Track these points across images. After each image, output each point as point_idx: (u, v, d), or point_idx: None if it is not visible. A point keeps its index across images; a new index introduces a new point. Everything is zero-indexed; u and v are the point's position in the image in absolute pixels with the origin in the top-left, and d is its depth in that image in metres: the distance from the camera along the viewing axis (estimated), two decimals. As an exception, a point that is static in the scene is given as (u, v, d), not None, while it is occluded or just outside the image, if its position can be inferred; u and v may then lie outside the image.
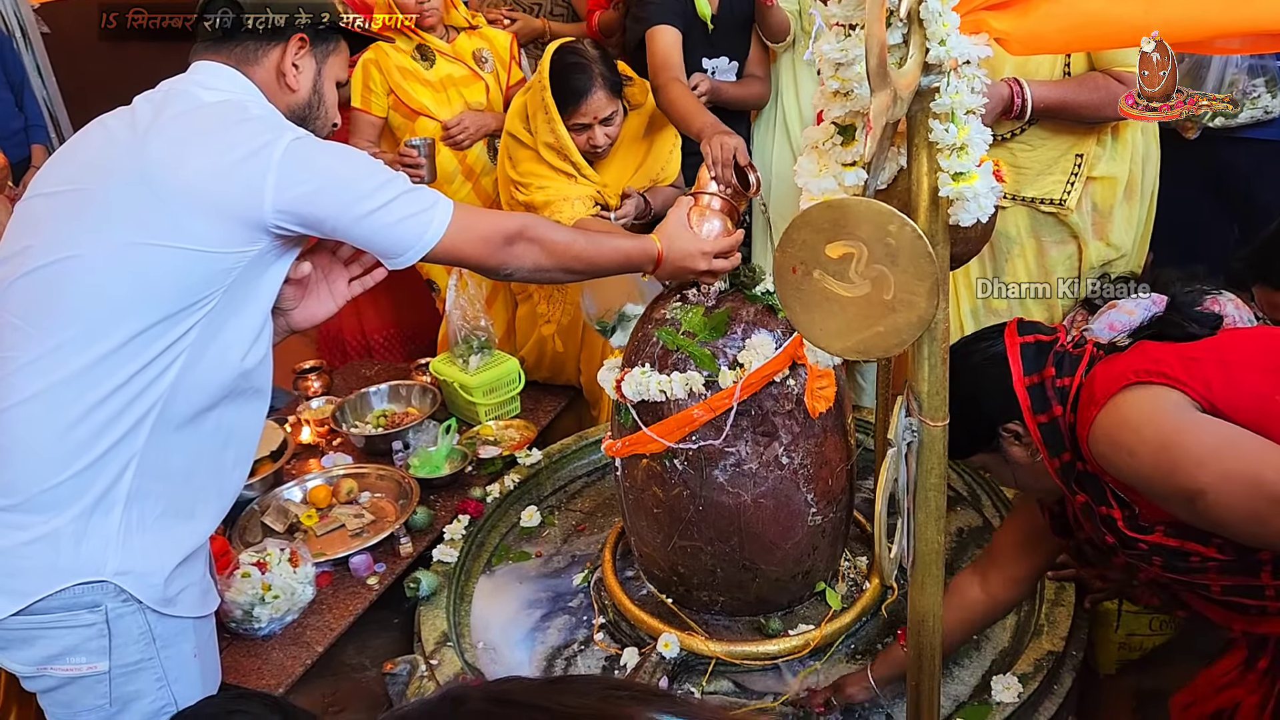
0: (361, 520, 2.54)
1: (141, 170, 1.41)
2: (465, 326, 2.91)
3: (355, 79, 2.94)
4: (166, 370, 1.41)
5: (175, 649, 1.50)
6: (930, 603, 1.26)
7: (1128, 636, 2.23)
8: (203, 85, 1.52)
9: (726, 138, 2.07)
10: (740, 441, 1.93)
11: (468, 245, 1.55)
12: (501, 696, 1.01)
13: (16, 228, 1.50)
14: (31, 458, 1.39)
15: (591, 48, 2.59)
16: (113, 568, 1.41)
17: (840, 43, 0.97)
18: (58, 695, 1.47)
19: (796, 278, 1.04)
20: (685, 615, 2.13)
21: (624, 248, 1.81)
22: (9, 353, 1.41)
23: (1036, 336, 1.55)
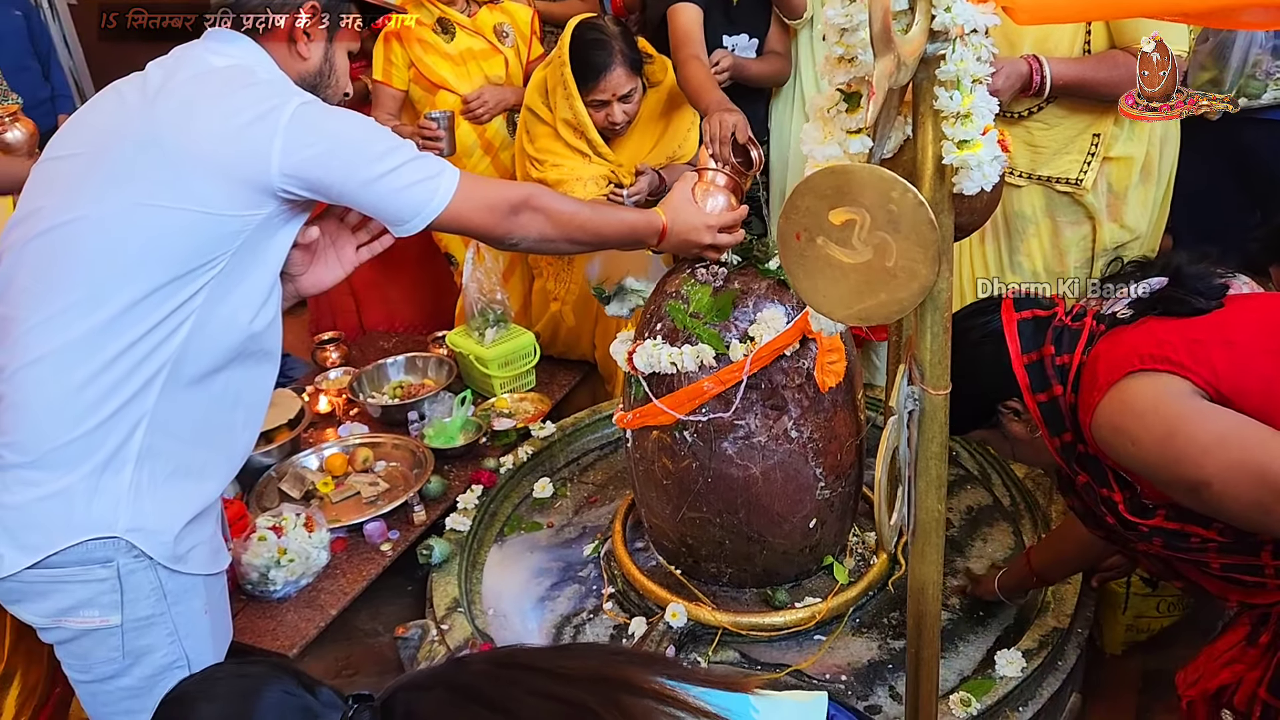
0: (376, 488, 2.58)
1: (151, 133, 1.43)
2: (482, 300, 2.94)
3: (377, 52, 2.96)
4: (176, 331, 1.43)
5: (186, 605, 1.52)
6: (930, 571, 1.27)
7: (1135, 619, 2.24)
8: (213, 51, 1.53)
9: (727, 115, 2.08)
10: (750, 414, 1.94)
11: (473, 213, 1.56)
12: (505, 659, 1.04)
13: (31, 190, 1.52)
14: (44, 416, 1.41)
15: (612, 24, 2.60)
16: (124, 524, 1.44)
17: (845, 8, 0.98)
18: (72, 647, 1.50)
19: (800, 244, 1.05)
20: (693, 586, 2.15)
21: (629, 220, 1.83)
22: (22, 313, 1.43)
23: (1034, 311, 1.53)
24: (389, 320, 3.64)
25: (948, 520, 2.39)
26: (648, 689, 0.99)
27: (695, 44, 2.58)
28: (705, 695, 1.02)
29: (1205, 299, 1.42)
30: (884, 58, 0.88)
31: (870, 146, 1.07)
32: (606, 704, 0.94)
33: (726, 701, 1.02)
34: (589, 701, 0.94)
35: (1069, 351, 1.48)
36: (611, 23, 2.61)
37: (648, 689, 0.99)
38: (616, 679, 0.99)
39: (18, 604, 1.48)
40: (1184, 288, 1.47)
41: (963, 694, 1.82)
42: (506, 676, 0.99)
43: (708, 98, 2.33)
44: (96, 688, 1.54)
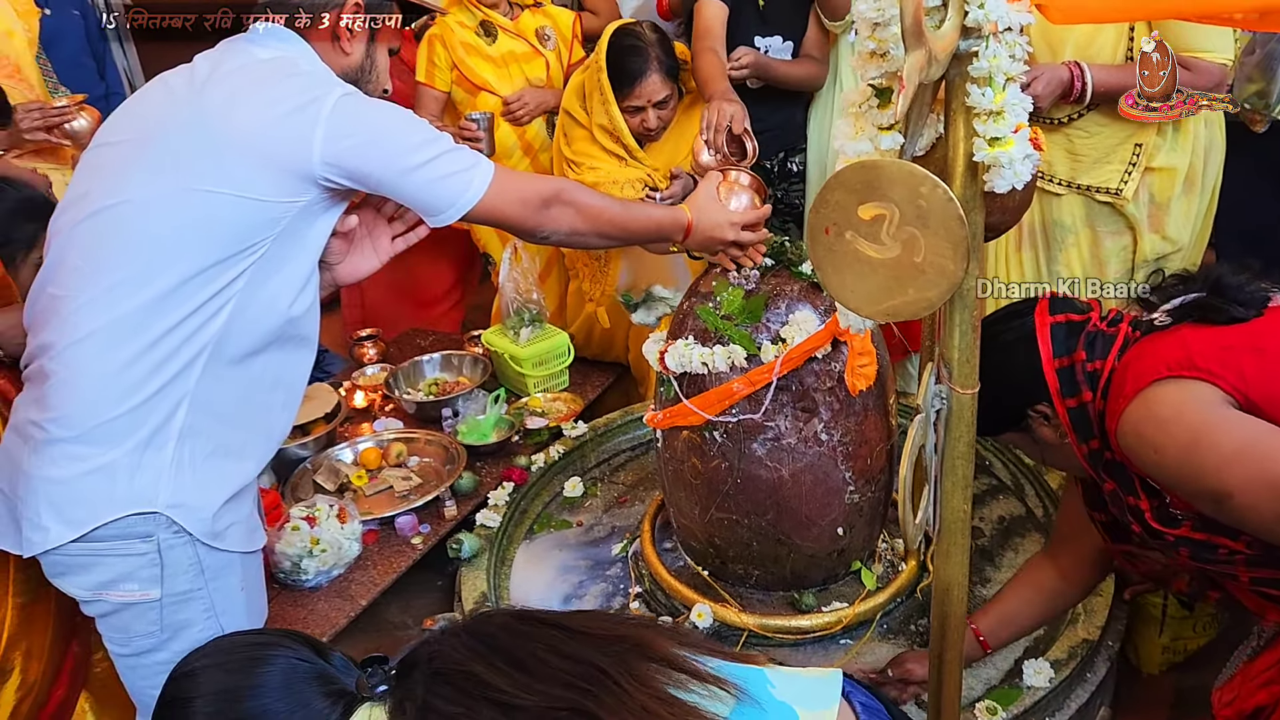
0: (409, 483, 2.60)
1: (197, 120, 1.47)
2: (518, 299, 2.96)
3: (420, 53, 3.00)
4: (218, 313, 1.47)
5: (223, 581, 1.56)
6: (955, 571, 1.26)
7: (1173, 639, 2.21)
8: (259, 44, 1.57)
9: (726, 104, 2.09)
10: (780, 416, 1.94)
11: (507, 206, 1.59)
12: (527, 615, 1.09)
13: (80, 175, 1.58)
14: (90, 392, 1.45)
15: (650, 31, 2.62)
16: (164, 500, 1.47)
17: (877, 2, 0.98)
18: (113, 620, 1.54)
19: (829, 239, 1.05)
20: (720, 587, 2.15)
21: (656, 216, 1.86)
22: (70, 292, 1.48)
23: (1068, 315, 1.52)
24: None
25: (979, 530, 2.39)
26: (662, 653, 1.02)
27: (714, 38, 2.60)
28: (722, 667, 1.03)
29: (1244, 308, 1.40)
30: (915, 52, 0.89)
31: (902, 143, 1.07)
32: (618, 665, 0.99)
33: (742, 674, 1.04)
34: (601, 662, 0.99)
35: (1101, 358, 1.46)
36: (649, 29, 2.62)
37: (662, 653, 1.02)
38: (633, 640, 1.04)
39: (62, 577, 1.52)
40: (1223, 296, 1.45)
41: (989, 703, 1.81)
42: (526, 631, 1.04)
43: (713, 87, 2.36)
44: (135, 661, 1.57)
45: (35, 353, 1.52)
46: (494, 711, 0.97)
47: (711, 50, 2.55)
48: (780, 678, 1.07)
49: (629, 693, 0.96)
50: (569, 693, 0.97)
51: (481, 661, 1.00)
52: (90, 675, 1.91)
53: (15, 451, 1.51)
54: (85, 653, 1.88)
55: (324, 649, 1.14)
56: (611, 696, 0.96)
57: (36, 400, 1.50)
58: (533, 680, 0.99)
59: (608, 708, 0.95)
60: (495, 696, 0.98)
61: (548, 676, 0.99)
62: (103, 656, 1.84)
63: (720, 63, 2.54)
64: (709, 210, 1.87)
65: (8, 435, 1.56)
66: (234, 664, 1.12)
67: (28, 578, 1.71)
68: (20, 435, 1.51)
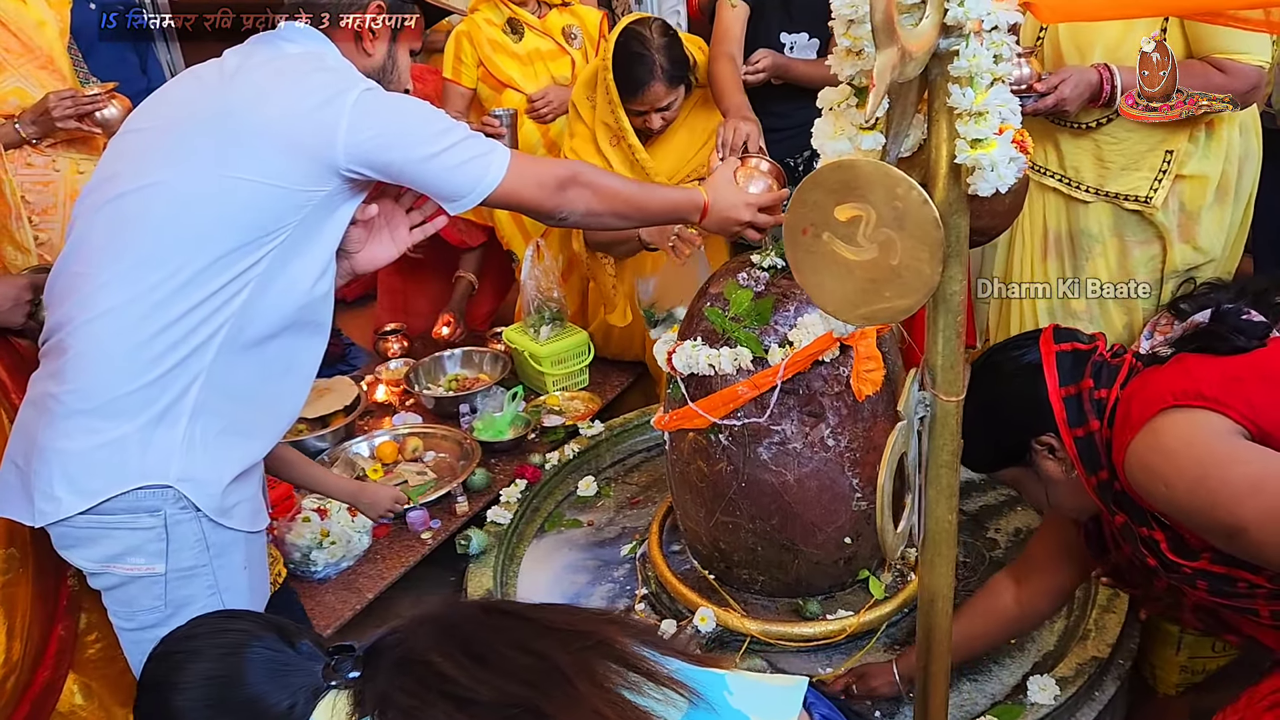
0: (424, 478, 2.62)
1: (226, 109, 1.52)
2: (538, 297, 2.96)
3: (447, 50, 3.02)
4: (236, 296, 1.50)
5: (227, 559, 1.58)
6: (940, 582, 1.23)
7: (1190, 659, 2.14)
8: (287, 40, 1.62)
9: (742, 123, 2.09)
10: (786, 420, 1.92)
11: (524, 189, 1.62)
12: (495, 607, 1.12)
13: (108, 158, 1.63)
14: (106, 367, 1.48)
15: (658, 33, 2.58)
16: (175, 474, 1.50)
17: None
18: (119, 594, 1.57)
19: (807, 239, 1.03)
20: (725, 592, 2.14)
21: (672, 197, 1.87)
22: (92, 270, 1.52)
23: (1074, 344, 1.48)
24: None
25: (994, 541, 2.34)
26: (621, 653, 1.03)
27: (732, 41, 2.58)
28: (681, 670, 1.02)
29: (1246, 337, 1.35)
30: (886, 50, 0.86)
31: (884, 143, 1.04)
32: (575, 664, 1.00)
33: (702, 677, 1.03)
34: (559, 660, 1.00)
35: (1107, 386, 1.42)
36: (658, 31, 2.58)
37: (621, 653, 1.03)
38: (594, 638, 1.05)
39: (71, 549, 1.55)
40: (1225, 324, 1.40)
41: (990, 718, 1.77)
42: (491, 623, 1.06)
43: (728, 101, 2.36)
44: (138, 635, 1.59)
45: (54, 328, 1.56)
46: (448, 705, 0.98)
47: (729, 57, 2.53)
48: (740, 684, 1.06)
49: (582, 694, 0.97)
50: (523, 690, 0.98)
51: (441, 653, 1.02)
52: (81, 657, 1.93)
53: (31, 424, 1.55)
54: (71, 637, 1.90)
55: (291, 634, 1.16)
56: (564, 696, 0.97)
57: (53, 374, 1.53)
58: (490, 675, 1.00)
59: (559, 707, 0.96)
60: (450, 690, 0.99)
61: (505, 672, 1.00)
62: (96, 639, 1.86)
63: (736, 72, 2.51)
64: (726, 191, 1.88)
65: (24, 408, 1.59)
66: (211, 652, 1.14)
67: (9, 556, 1.75)
68: (36, 408, 1.55)
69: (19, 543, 1.75)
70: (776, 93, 2.65)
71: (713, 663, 1.08)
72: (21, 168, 2.60)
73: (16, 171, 2.59)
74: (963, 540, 2.33)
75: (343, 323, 3.90)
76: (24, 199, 2.61)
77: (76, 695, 1.95)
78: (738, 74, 2.51)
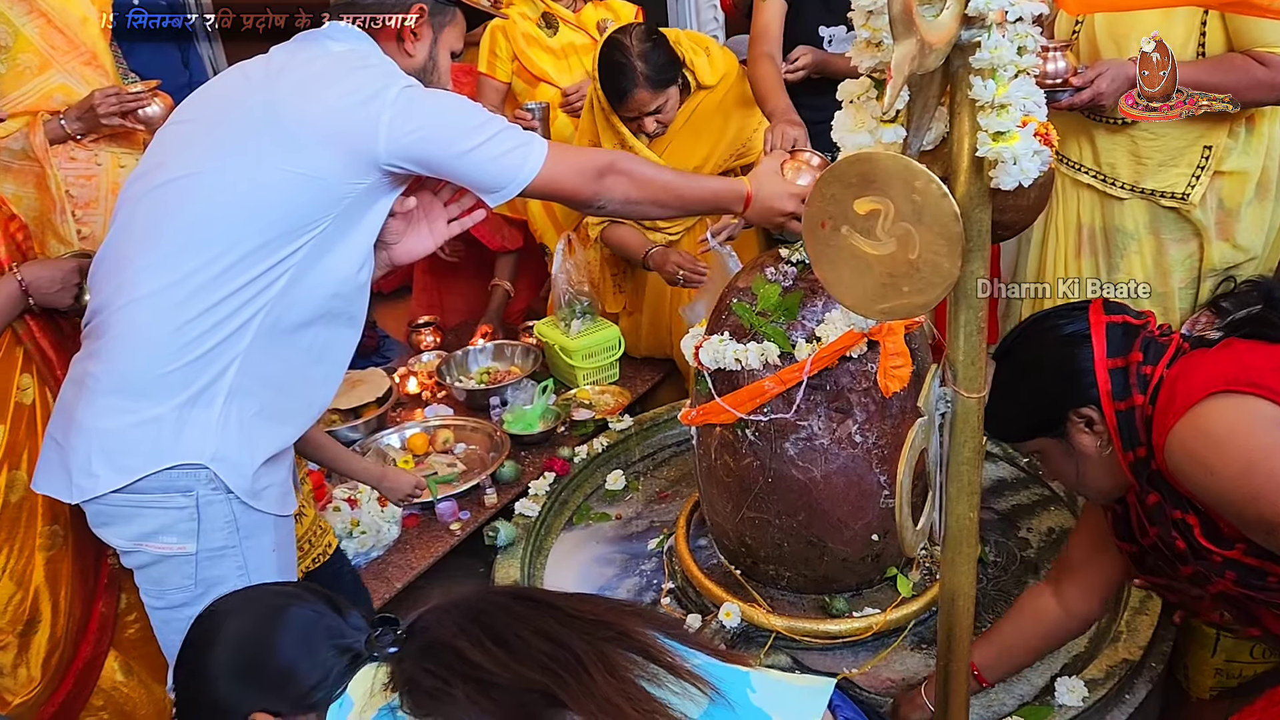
0: (454, 469, 2.64)
1: (271, 103, 1.55)
2: (570, 291, 2.97)
3: (482, 44, 3.04)
4: (274, 284, 1.54)
5: (256, 541, 1.61)
6: (962, 580, 1.22)
7: (1226, 662, 2.10)
8: (332, 38, 1.66)
9: (789, 127, 2.09)
10: (813, 416, 1.91)
11: (563, 177, 1.63)
12: (523, 594, 1.13)
13: (154, 148, 1.68)
14: (145, 349, 1.52)
15: (637, 39, 2.60)
16: (209, 454, 1.53)
17: (871, -9, 0.95)
18: (150, 572, 1.61)
19: (825, 233, 1.03)
20: (751, 587, 2.13)
21: (713, 186, 1.88)
22: (134, 254, 1.56)
23: (1124, 317, 1.44)
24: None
25: (1025, 541, 2.32)
26: (641, 642, 1.04)
27: (770, 41, 2.58)
28: (705, 665, 1.02)
29: None
30: (904, 41, 0.86)
31: (905, 136, 1.04)
32: (594, 653, 1.01)
33: (724, 674, 1.03)
34: (578, 648, 1.01)
35: (1153, 363, 1.38)
36: (637, 38, 2.60)
37: (641, 642, 1.04)
38: (616, 628, 1.06)
39: (105, 526, 1.59)
40: (1278, 311, 1.37)
41: (1017, 719, 1.75)
42: (518, 610, 1.08)
43: (772, 103, 2.37)
44: (168, 614, 1.63)
45: (95, 310, 1.61)
46: (469, 688, 1.00)
47: (768, 57, 2.53)
48: (764, 683, 1.06)
49: (597, 682, 0.98)
50: (542, 675, 0.99)
51: (468, 638, 1.04)
52: (121, 636, 1.98)
53: (71, 402, 1.59)
54: (111, 613, 1.96)
55: (342, 606, 1.19)
56: (580, 684, 0.98)
57: (93, 354, 1.58)
58: (511, 659, 1.01)
59: (573, 695, 0.97)
60: (473, 673, 1.01)
61: (526, 657, 1.01)
62: (135, 618, 1.91)
63: (777, 73, 2.51)
64: (770, 181, 1.86)
65: (66, 387, 1.64)
66: (254, 611, 1.20)
67: (52, 532, 1.82)
68: (76, 386, 1.59)
69: (61, 520, 1.79)
70: (815, 86, 2.63)
71: (738, 659, 1.08)
72: (65, 162, 2.65)
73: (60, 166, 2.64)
74: (994, 540, 2.30)
75: (378, 314, 3.94)
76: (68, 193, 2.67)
77: (117, 672, 2.01)
78: (779, 74, 2.51)
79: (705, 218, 2.63)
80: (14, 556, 1.82)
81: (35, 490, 1.63)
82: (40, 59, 2.55)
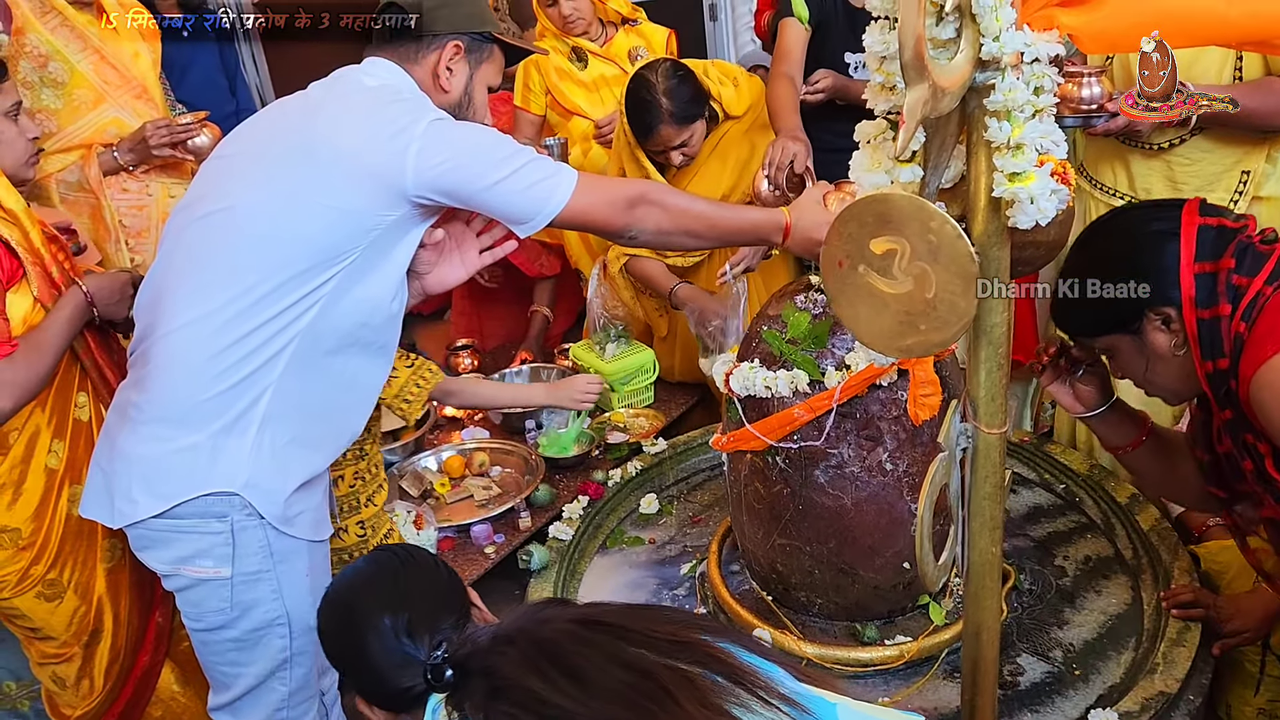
0: (489, 492, 2.67)
1: (306, 138, 1.60)
2: (604, 315, 3.00)
3: (517, 78, 3.11)
4: (306, 313, 1.58)
5: (290, 565, 1.66)
6: (986, 615, 1.22)
7: (1269, 702, 2.05)
8: (367, 74, 1.72)
9: (790, 143, 2.10)
10: (843, 444, 1.91)
11: (593, 208, 1.65)
12: (589, 618, 1.03)
13: (197, 181, 1.75)
14: (182, 378, 1.58)
15: (663, 76, 2.64)
16: (242, 481, 1.58)
17: (883, 35, 0.97)
18: (189, 595, 1.66)
19: (843, 272, 1.04)
20: (782, 613, 2.13)
21: (751, 216, 1.86)
22: (174, 284, 1.62)
23: (1220, 220, 1.36)
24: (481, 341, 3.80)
25: (1061, 569, 2.29)
26: (726, 665, 0.96)
27: (792, 63, 2.61)
28: (798, 689, 0.97)
29: None
30: (916, 87, 0.87)
31: (923, 176, 1.05)
32: (679, 680, 0.93)
33: (813, 702, 0.96)
34: (662, 676, 0.93)
35: (1249, 275, 1.31)
36: (663, 75, 2.64)
37: (726, 665, 0.96)
38: (699, 650, 0.97)
39: (146, 550, 1.65)
40: None
41: (1049, 751, 1.73)
42: (584, 637, 0.99)
43: (781, 121, 2.39)
44: (207, 636, 1.69)
45: (139, 337, 1.67)
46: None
47: (787, 78, 2.56)
48: (849, 713, 0.98)
49: (688, 713, 0.90)
50: (626, 711, 0.92)
51: (538, 675, 0.96)
52: (177, 649, 2.04)
53: (114, 429, 1.66)
54: (168, 624, 2.02)
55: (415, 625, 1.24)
56: (668, 716, 0.90)
57: (136, 383, 1.64)
58: (588, 696, 0.93)
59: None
60: (549, 713, 0.93)
61: (604, 690, 0.94)
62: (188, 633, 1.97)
63: (793, 94, 2.53)
64: (811, 212, 1.83)
65: (110, 414, 1.70)
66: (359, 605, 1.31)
67: (112, 545, 1.89)
68: (119, 414, 1.65)
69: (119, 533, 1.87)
70: (840, 113, 2.65)
71: (821, 683, 1.01)
72: (118, 193, 2.75)
73: (113, 196, 2.74)
74: (1030, 567, 2.28)
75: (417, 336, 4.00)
76: (121, 223, 2.76)
77: (174, 682, 2.08)
78: (794, 96, 2.53)
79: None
80: (78, 569, 1.89)
81: (82, 515, 1.68)
82: (95, 94, 2.65)
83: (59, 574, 1.86)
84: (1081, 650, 2.01)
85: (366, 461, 2.11)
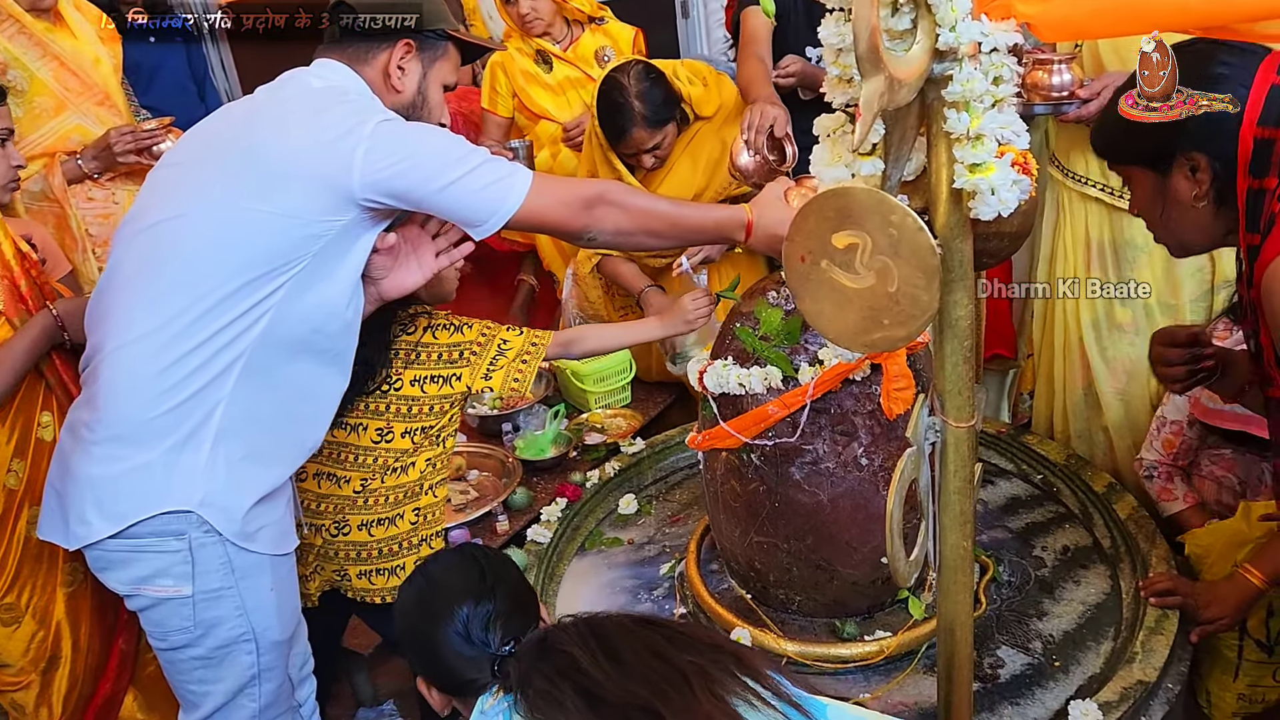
0: (466, 496, 2.65)
1: (249, 144, 1.57)
2: (579, 316, 2.98)
3: (484, 80, 3.08)
4: (255, 323, 1.55)
5: (253, 581, 1.62)
6: (959, 610, 1.21)
7: (1249, 687, 2.07)
8: (315, 75, 1.68)
9: (769, 107, 2.06)
10: (818, 440, 1.90)
11: (549, 210, 1.62)
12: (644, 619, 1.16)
13: (144, 191, 1.70)
14: (132, 394, 1.54)
15: (635, 79, 2.62)
16: (197, 499, 1.55)
17: (839, 28, 0.96)
18: (152, 614, 1.63)
19: (805, 267, 1.03)
20: (762, 612, 2.12)
21: (713, 214, 1.84)
22: (122, 298, 1.58)
23: None
24: None
25: (1040, 560, 2.29)
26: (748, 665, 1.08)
27: (760, 44, 2.62)
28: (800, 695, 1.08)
29: None
30: (872, 78, 0.86)
31: (884, 169, 1.04)
32: (700, 673, 1.05)
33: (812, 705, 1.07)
34: (685, 666, 1.05)
35: None
36: (635, 78, 2.62)
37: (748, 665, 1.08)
38: (728, 650, 1.11)
39: (104, 571, 1.62)
40: None
41: (1029, 744, 1.73)
42: (633, 630, 1.13)
43: (756, 91, 2.38)
44: (173, 655, 1.66)
45: (89, 354, 1.63)
46: (577, 696, 1.05)
47: (758, 58, 2.57)
48: (841, 716, 1.10)
49: (699, 701, 1.01)
50: (645, 690, 1.03)
51: (583, 647, 1.09)
52: (142, 674, 2.00)
53: (67, 449, 1.62)
54: (131, 650, 1.98)
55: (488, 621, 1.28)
56: (682, 700, 1.00)
57: (88, 401, 1.60)
58: (620, 673, 1.05)
59: (674, 710, 0.99)
60: (582, 682, 1.05)
61: (634, 672, 1.05)
62: (153, 657, 1.94)
63: (765, 68, 2.54)
64: (773, 209, 1.83)
65: (63, 433, 1.67)
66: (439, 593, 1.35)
67: (73, 569, 1.85)
68: (72, 434, 1.62)
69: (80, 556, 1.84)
70: (808, 107, 2.64)
71: (813, 691, 1.11)
72: (83, 201, 2.71)
73: (79, 205, 2.70)
74: (1009, 559, 2.28)
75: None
76: (87, 231, 2.72)
77: (138, 710, 2.03)
78: (767, 72, 2.52)
79: None
80: (37, 593, 1.85)
81: (39, 537, 1.65)
82: (56, 101, 2.61)
83: (16, 598, 1.82)
84: (1061, 641, 2.01)
85: (441, 449, 2.04)
